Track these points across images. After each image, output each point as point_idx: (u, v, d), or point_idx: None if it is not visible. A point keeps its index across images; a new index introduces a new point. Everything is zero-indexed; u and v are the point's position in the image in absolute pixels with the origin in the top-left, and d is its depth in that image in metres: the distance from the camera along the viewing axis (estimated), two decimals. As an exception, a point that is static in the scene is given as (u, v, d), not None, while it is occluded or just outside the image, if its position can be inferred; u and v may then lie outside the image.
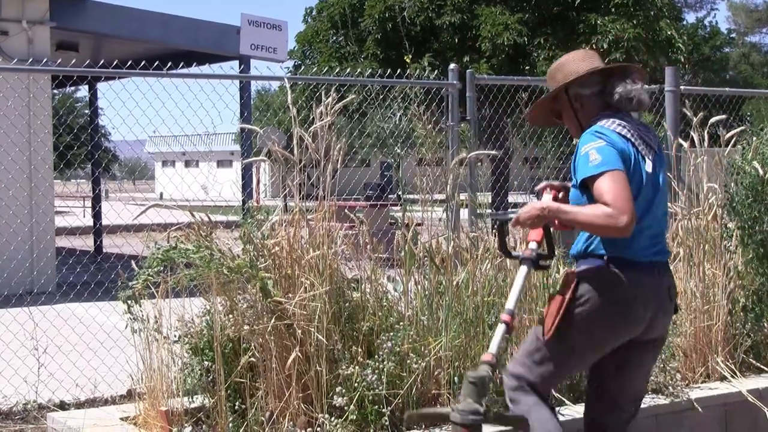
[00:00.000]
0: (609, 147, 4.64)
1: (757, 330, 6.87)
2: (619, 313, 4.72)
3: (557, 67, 5.06)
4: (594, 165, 4.59)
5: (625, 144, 4.73)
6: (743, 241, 6.93)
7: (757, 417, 6.35)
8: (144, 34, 17.31)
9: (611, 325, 4.74)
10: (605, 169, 4.56)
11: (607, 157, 4.60)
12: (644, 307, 4.74)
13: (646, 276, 4.77)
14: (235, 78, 12.33)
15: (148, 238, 5.59)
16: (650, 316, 4.77)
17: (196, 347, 5.50)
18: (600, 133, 4.71)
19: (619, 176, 4.55)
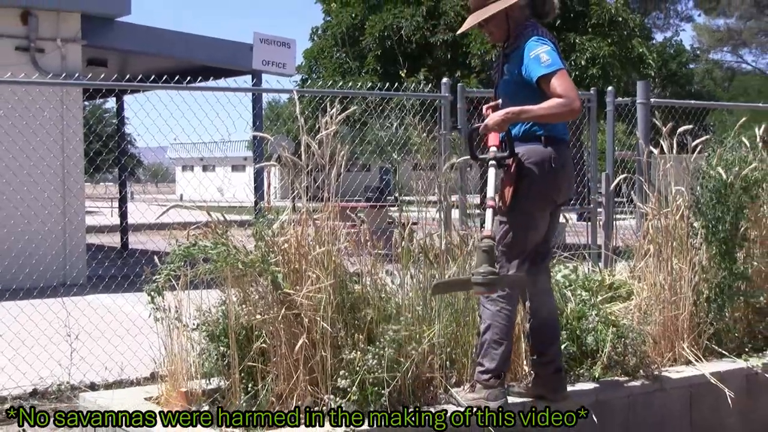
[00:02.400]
0: (552, 50, 5.39)
1: (719, 319, 6.87)
2: (554, 179, 5.48)
3: None
4: (545, 65, 5.29)
5: (555, 46, 5.48)
6: (707, 238, 6.94)
7: (718, 397, 6.36)
8: (166, 51, 17.33)
9: (553, 188, 5.52)
10: (555, 68, 5.28)
11: (554, 58, 5.34)
12: (568, 172, 5.61)
13: (566, 149, 5.64)
14: (247, 90, 12.30)
15: (170, 235, 5.59)
16: (569, 180, 5.65)
17: (212, 334, 5.50)
18: (542, 39, 5.42)
19: (564, 73, 5.32)
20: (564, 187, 5.55)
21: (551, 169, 5.41)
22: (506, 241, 5.46)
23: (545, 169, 5.40)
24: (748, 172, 6.96)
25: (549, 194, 5.48)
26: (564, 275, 6.72)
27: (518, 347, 5.98)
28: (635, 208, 7.82)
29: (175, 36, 17.38)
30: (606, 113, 9.74)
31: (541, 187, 5.42)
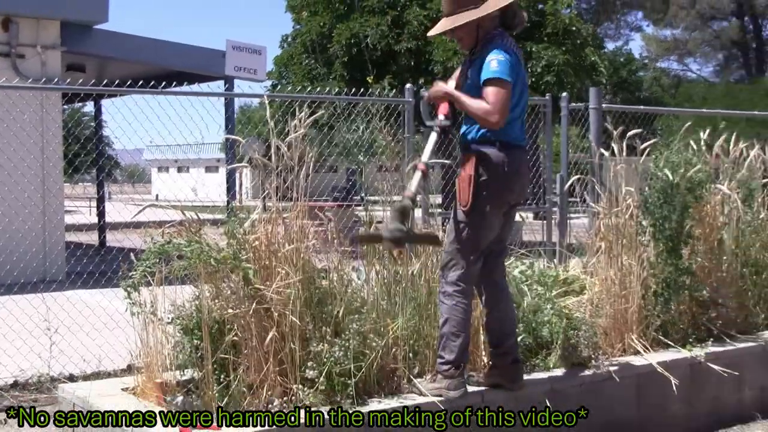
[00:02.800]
0: (507, 61, 5.36)
1: (666, 312, 6.91)
2: (509, 181, 5.51)
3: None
4: (492, 70, 5.31)
5: (517, 58, 5.50)
6: (655, 236, 6.98)
7: (664, 385, 6.41)
8: (142, 58, 17.28)
9: (506, 190, 5.53)
10: (498, 76, 5.29)
11: (503, 68, 5.33)
12: (522, 176, 5.66)
13: (520, 153, 5.62)
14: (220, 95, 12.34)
15: (145, 233, 5.58)
16: (522, 183, 5.68)
17: (186, 328, 5.48)
18: (504, 50, 5.42)
19: (505, 85, 5.29)
20: (516, 190, 5.58)
21: (504, 173, 5.44)
22: (461, 238, 5.49)
23: (499, 172, 5.42)
24: (692, 173, 7.01)
25: (502, 195, 5.50)
26: (521, 271, 6.75)
27: (477, 339, 6.00)
28: (588, 207, 7.86)
29: (151, 43, 17.33)
30: (560, 118, 9.77)
31: (495, 188, 5.44)
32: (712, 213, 7.35)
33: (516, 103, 5.48)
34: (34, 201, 14.25)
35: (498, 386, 5.71)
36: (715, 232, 7.37)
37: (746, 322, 7.51)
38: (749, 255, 7.62)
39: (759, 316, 7.66)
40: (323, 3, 22.90)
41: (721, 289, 7.37)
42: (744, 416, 7.02)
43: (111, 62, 17.94)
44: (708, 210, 7.32)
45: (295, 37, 24.31)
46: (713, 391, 6.87)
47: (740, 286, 7.55)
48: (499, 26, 5.62)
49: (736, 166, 7.81)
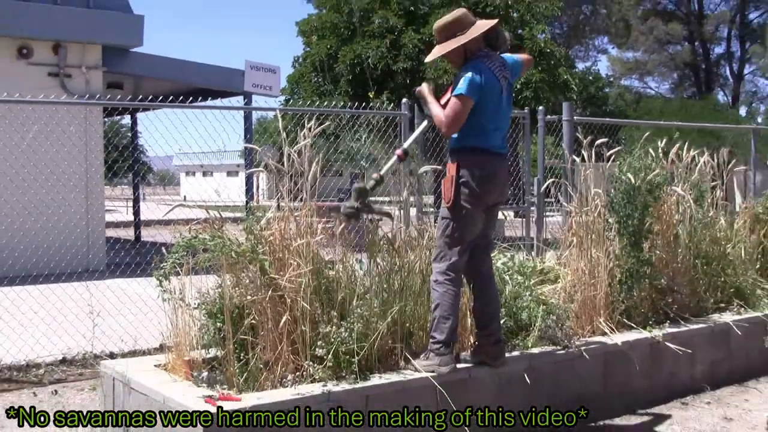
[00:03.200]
0: (473, 80, 5.35)
1: (629, 298, 6.90)
2: (487, 184, 5.49)
3: (453, 23, 5.60)
4: (458, 87, 5.36)
5: (491, 76, 5.46)
6: (619, 232, 6.97)
7: (627, 362, 6.41)
8: (172, 76, 17.29)
9: (484, 191, 5.48)
10: (463, 92, 5.32)
11: (470, 86, 5.34)
12: (499, 180, 5.60)
13: (498, 161, 5.59)
14: (239, 109, 12.32)
15: (174, 230, 5.56)
16: (501, 187, 5.65)
17: (210, 312, 5.47)
18: (477, 70, 5.40)
19: (467, 102, 5.33)
20: (493, 192, 5.56)
21: (482, 176, 5.44)
22: (447, 233, 5.50)
23: (476, 175, 5.43)
24: (651, 177, 7.01)
25: (480, 197, 5.47)
26: (503, 262, 6.73)
27: (465, 323, 5.99)
28: (561, 206, 7.84)
29: (180, 63, 17.34)
30: (538, 128, 9.76)
31: (474, 190, 5.43)
32: (668, 211, 7.34)
33: (491, 117, 5.50)
34: (79, 201, 14.35)
35: (483, 363, 5.69)
36: (671, 228, 7.36)
37: (698, 307, 7.50)
38: (701, 248, 7.61)
39: (709, 301, 7.65)
40: (330, 28, 22.88)
41: (676, 278, 7.36)
42: (696, 388, 7.02)
43: (145, 80, 17.95)
44: (665, 209, 7.31)
45: (305, 58, 24.30)
46: (670, 367, 6.86)
47: (693, 275, 7.55)
48: (485, 47, 5.61)
49: (688, 170, 7.81)
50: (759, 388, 7.26)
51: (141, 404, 5.12)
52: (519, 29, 22.74)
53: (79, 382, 7.39)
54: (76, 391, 7.11)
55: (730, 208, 8.71)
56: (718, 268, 7.80)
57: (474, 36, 5.50)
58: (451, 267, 5.48)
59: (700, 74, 44.83)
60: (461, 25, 5.56)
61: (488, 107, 5.46)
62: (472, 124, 5.43)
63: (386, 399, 5.16)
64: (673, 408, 6.62)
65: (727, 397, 6.97)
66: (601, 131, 8.55)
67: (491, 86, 5.45)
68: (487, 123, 5.49)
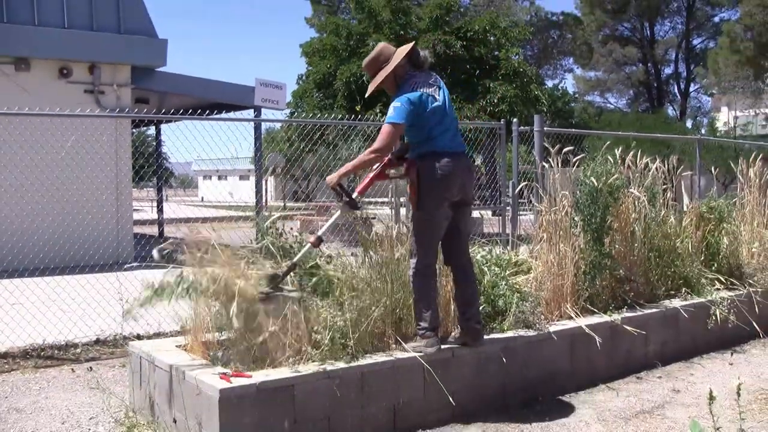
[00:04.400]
0: (404, 106, 5.27)
1: (592, 286, 6.89)
2: (446, 181, 5.34)
3: (376, 58, 5.56)
4: (388, 116, 5.30)
5: (421, 92, 5.35)
6: (584, 228, 6.95)
7: (591, 342, 6.38)
8: (191, 92, 17.31)
9: (444, 189, 5.34)
10: (394, 121, 5.25)
11: (396, 113, 5.27)
12: (459, 177, 5.39)
13: (453, 159, 5.38)
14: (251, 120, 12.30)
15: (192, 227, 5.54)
16: (461, 183, 5.42)
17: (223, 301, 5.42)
18: (406, 93, 5.32)
19: (398, 128, 5.27)
20: (453, 188, 5.40)
21: (440, 176, 5.33)
22: (417, 232, 5.43)
23: (435, 176, 5.32)
24: (612, 180, 6.99)
25: (442, 195, 5.35)
26: (482, 255, 6.70)
27: (449, 309, 5.96)
28: (533, 206, 7.81)
29: (199, 81, 17.35)
30: (512, 138, 9.73)
31: (433, 190, 5.33)
32: (626, 211, 7.33)
33: (439, 121, 5.38)
34: (110, 202, 14.42)
35: (465, 344, 5.66)
36: (628, 225, 7.35)
37: (651, 294, 7.49)
38: (654, 242, 7.60)
39: (661, 288, 7.65)
40: (330, 50, 22.86)
41: (633, 269, 7.35)
42: (649, 364, 7.02)
43: (168, 96, 17.95)
44: (623, 208, 7.29)
45: (308, 76, 24.29)
46: (627, 347, 6.84)
47: (647, 266, 7.54)
48: (411, 69, 5.53)
49: (643, 175, 7.80)
50: (703, 364, 7.26)
51: (163, 379, 5.10)
52: (496, 51, 22.76)
53: (110, 360, 7.39)
54: (108, 367, 7.10)
55: (679, 208, 8.71)
56: (669, 260, 7.80)
57: (397, 62, 5.45)
58: (424, 262, 5.41)
59: (653, 91, 44.92)
60: (384, 57, 5.52)
61: (429, 117, 5.36)
62: (421, 134, 5.38)
63: (379, 375, 5.14)
64: (630, 382, 6.61)
65: (676, 372, 6.97)
66: (567, 141, 8.53)
67: (424, 100, 5.35)
68: (433, 129, 5.39)
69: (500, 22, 23.45)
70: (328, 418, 4.87)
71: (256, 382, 4.61)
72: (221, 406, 4.45)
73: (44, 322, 8.13)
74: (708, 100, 46.94)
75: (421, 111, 5.34)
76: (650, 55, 43.41)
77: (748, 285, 8.29)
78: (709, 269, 8.25)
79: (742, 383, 3.17)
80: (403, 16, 22.67)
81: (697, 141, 12.35)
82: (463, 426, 5.37)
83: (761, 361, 7.37)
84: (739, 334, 7.95)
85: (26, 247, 11.81)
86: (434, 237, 5.46)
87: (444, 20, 22.43)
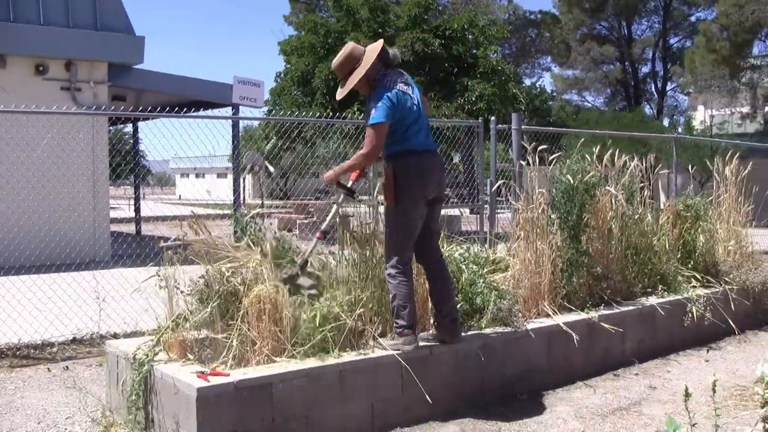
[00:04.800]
0: (383, 105, 5.28)
1: (569, 284, 6.92)
2: (421, 179, 5.38)
3: (347, 59, 5.52)
4: (371, 117, 5.30)
5: (396, 91, 5.37)
6: (560, 226, 6.98)
7: (568, 340, 6.42)
8: (169, 89, 17.25)
9: (419, 186, 5.37)
10: (372, 122, 5.28)
11: (379, 113, 5.27)
12: (435, 174, 5.47)
13: (426, 156, 5.43)
14: (228, 118, 12.24)
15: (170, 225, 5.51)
16: (437, 180, 5.49)
17: (201, 298, 5.40)
18: (385, 93, 5.32)
19: (383, 126, 5.27)
20: (429, 186, 5.44)
21: (414, 173, 5.36)
22: (392, 231, 5.44)
23: (409, 174, 5.35)
24: (588, 178, 7.03)
25: (416, 192, 5.39)
26: (460, 253, 6.70)
27: (426, 306, 5.96)
28: (510, 204, 7.83)
29: (176, 78, 17.27)
30: (490, 136, 9.76)
31: (411, 189, 5.36)
32: (603, 209, 7.36)
33: (415, 119, 5.43)
34: (87, 200, 14.33)
35: (443, 342, 5.67)
36: (605, 223, 7.38)
37: (628, 291, 7.53)
38: (631, 240, 7.64)
39: (637, 286, 7.69)
40: (308, 48, 22.77)
41: (610, 266, 7.39)
42: (626, 361, 7.06)
43: (145, 93, 17.88)
44: (600, 206, 7.33)
45: (286, 74, 24.21)
46: (604, 344, 6.88)
47: (624, 264, 7.58)
48: (383, 68, 5.54)
49: (620, 173, 7.83)
50: (679, 361, 7.31)
51: (141, 378, 5.06)
52: (474, 49, 22.78)
53: (87, 359, 7.35)
54: (85, 366, 7.06)
55: (656, 206, 8.76)
56: (646, 257, 7.84)
57: (370, 63, 5.44)
58: (400, 260, 5.41)
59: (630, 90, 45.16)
60: (354, 59, 5.49)
61: (404, 116, 5.40)
62: (396, 133, 5.39)
63: (357, 373, 5.14)
64: (607, 379, 6.65)
65: (653, 369, 7.02)
66: (545, 139, 8.56)
67: (400, 98, 5.38)
68: (410, 127, 5.42)
69: (478, 20, 23.45)
70: (306, 417, 4.87)
71: (234, 381, 4.60)
72: (199, 405, 4.43)
73: (20, 321, 8.04)
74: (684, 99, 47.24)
75: (400, 108, 5.36)
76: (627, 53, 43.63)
77: (724, 282, 8.36)
78: (685, 267, 8.31)
79: (717, 380, 3.19)
80: (382, 14, 22.63)
81: (674, 139, 12.44)
82: (441, 423, 5.38)
83: (737, 358, 7.44)
84: (715, 332, 8.02)
85: (1, 246, 11.74)
86: (410, 235, 5.46)
87: (422, 18, 22.42)
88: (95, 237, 14.43)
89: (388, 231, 5.48)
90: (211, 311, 5.22)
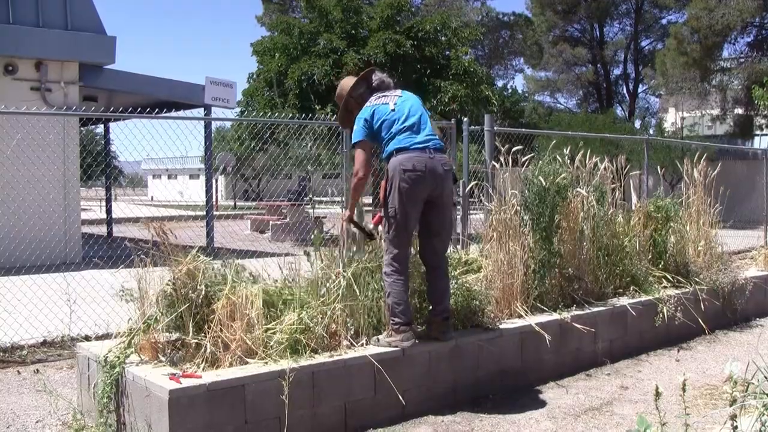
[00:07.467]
0: (357, 124, 5.60)
1: (541, 285, 6.95)
2: (416, 178, 5.43)
3: (339, 93, 5.99)
4: (353, 136, 5.62)
5: (372, 107, 5.66)
6: (533, 227, 7.01)
7: (540, 340, 6.45)
8: (140, 90, 17.13)
9: (413, 184, 5.43)
10: (353, 142, 5.58)
11: (357, 131, 5.59)
12: (429, 173, 5.47)
13: (424, 155, 5.48)
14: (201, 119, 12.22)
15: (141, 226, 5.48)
16: (432, 179, 5.48)
17: (171, 302, 5.37)
18: (358, 117, 5.65)
19: (364, 144, 5.58)
20: (422, 183, 5.46)
21: (409, 171, 5.43)
22: (390, 229, 5.50)
23: (404, 171, 5.43)
24: (559, 180, 7.06)
25: (411, 190, 5.44)
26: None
27: (422, 306, 6.00)
28: (483, 205, 7.86)
29: (148, 79, 17.16)
30: (463, 137, 9.78)
31: (403, 186, 5.43)
32: (574, 210, 7.41)
33: (397, 124, 5.57)
34: (57, 201, 14.20)
35: (436, 339, 5.75)
36: (577, 224, 7.43)
37: (600, 292, 7.58)
38: (602, 241, 7.69)
39: (609, 287, 7.74)
40: (281, 49, 22.71)
41: (581, 267, 7.43)
42: (598, 362, 7.11)
43: (117, 94, 17.74)
44: (572, 208, 7.37)
45: (258, 75, 24.12)
46: (576, 344, 6.92)
47: (595, 265, 7.63)
48: (367, 92, 5.87)
49: (591, 174, 7.89)
50: (650, 361, 7.37)
51: (112, 381, 5.03)
52: (446, 51, 22.85)
53: (58, 361, 7.28)
54: (55, 369, 7.00)
55: (627, 207, 8.83)
56: (617, 258, 7.90)
57: (348, 95, 5.88)
58: (396, 258, 5.47)
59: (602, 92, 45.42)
60: (343, 89, 5.96)
61: (385, 122, 5.59)
62: (384, 138, 5.60)
63: (330, 375, 5.14)
64: (579, 379, 6.69)
65: (624, 368, 7.07)
66: (517, 140, 8.59)
67: (375, 110, 5.65)
68: (392, 129, 5.57)
69: (451, 22, 23.52)
70: (279, 418, 4.86)
71: (206, 383, 4.58)
72: (171, 408, 4.41)
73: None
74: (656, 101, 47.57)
75: (375, 121, 5.58)
76: (599, 56, 43.88)
77: (694, 283, 8.45)
78: (656, 267, 8.39)
79: (687, 379, 3.22)
80: (354, 15, 22.63)
81: (645, 141, 12.54)
82: (414, 424, 5.39)
83: (706, 358, 7.51)
84: (686, 332, 8.10)
85: (-30, 247, 11.61)
86: (402, 233, 5.51)
87: (395, 20, 22.45)
88: (66, 238, 14.30)
89: (386, 231, 5.57)
90: (182, 314, 5.19)
